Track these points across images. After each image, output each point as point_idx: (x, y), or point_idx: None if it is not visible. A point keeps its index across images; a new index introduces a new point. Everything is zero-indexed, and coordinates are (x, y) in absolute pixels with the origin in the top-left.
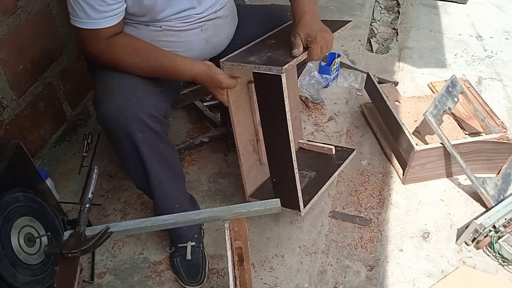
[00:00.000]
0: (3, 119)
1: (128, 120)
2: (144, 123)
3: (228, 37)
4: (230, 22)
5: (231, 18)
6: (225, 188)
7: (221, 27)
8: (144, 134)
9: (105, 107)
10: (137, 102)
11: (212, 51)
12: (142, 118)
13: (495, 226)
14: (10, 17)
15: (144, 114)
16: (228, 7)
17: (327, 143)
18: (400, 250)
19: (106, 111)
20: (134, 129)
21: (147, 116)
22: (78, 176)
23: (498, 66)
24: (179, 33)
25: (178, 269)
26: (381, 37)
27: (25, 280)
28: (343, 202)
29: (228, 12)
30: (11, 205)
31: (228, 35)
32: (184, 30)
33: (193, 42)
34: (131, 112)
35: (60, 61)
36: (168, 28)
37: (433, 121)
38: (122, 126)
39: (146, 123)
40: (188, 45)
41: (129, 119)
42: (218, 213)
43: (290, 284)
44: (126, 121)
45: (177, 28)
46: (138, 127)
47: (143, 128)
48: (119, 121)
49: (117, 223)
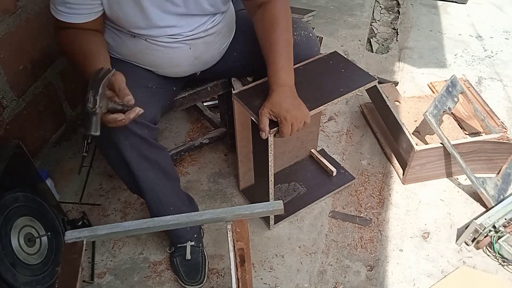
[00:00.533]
0: (3, 119)
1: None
2: (129, 131)
3: (221, 52)
4: (224, 37)
5: (226, 31)
6: (225, 188)
7: (212, 43)
8: (129, 141)
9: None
10: None
11: (202, 66)
12: (127, 126)
13: (495, 226)
14: (10, 17)
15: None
16: (222, 23)
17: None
18: (400, 250)
19: None
20: (120, 137)
21: (132, 124)
22: (78, 176)
23: (498, 66)
24: (165, 49)
25: (178, 269)
26: (381, 37)
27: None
28: (343, 202)
29: (222, 28)
30: (11, 205)
31: (221, 50)
32: (171, 47)
33: (180, 59)
34: None
35: (60, 61)
36: (153, 43)
37: (433, 121)
38: (107, 134)
39: (131, 130)
40: (175, 61)
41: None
42: (221, 214)
43: (290, 284)
44: (111, 129)
45: (163, 44)
46: (123, 134)
47: (128, 135)
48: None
49: (118, 223)
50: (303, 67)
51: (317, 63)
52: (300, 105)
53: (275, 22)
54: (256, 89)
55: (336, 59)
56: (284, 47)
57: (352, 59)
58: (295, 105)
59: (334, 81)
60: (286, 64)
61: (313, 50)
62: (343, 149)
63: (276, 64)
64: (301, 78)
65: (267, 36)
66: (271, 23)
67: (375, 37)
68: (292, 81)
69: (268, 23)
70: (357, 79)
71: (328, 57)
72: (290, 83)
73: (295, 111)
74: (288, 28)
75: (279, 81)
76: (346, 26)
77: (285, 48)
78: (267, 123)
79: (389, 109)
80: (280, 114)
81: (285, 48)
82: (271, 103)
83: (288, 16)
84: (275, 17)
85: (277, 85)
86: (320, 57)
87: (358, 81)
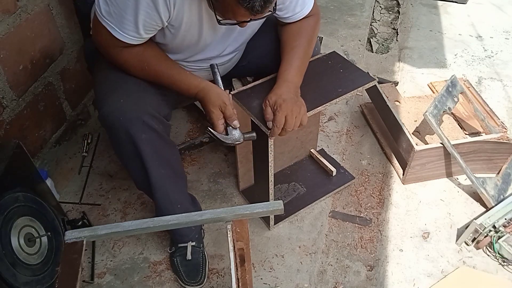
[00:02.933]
0: (3, 119)
1: (130, 121)
2: (146, 124)
3: (232, 65)
4: (240, 52)
5: (240, 51)
6: (225, 188)
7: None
8: (146, 135)
9: (107, 107)
10: (140, 103)
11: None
12: (145, 119)
13: (495, 226)
14: (10, 17)
15: (147, 115)
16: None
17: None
18: (400, 250)
19: (108, 112)
20: (137, 130)
21: (149, 117)
22: (78, 176)
23: (498, 66)
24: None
25: (178, 269)
26: (381, 37)
27: (25, 280)
28: (343, 202)
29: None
30: (11, 205)
31: (233, 64)
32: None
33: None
34: (134, 113)
35: (60, 61)
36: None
37: (433, 121)
38: (124, 127)
39: (148, 124)
40: None
41: (131, 120)
42: (221, 214)
43: (290, 284)
44: (129, 122)
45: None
46: (140, 128)
47: (145, 129)
48: (121, 122)
49: (118, 223)
50: None
51: (316, 63)
52: (299, 102)
53: (302, 32)
54: (254, 90)
55: (335, 59)
56: (302, 53)
57: (352, 59)
58: (294, 99)
59: (333, 81)
60: (299, 67)
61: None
62: (343, 149)
63: (290, 63)
64: None
65: (290, 41)
66: (298, 32)
67: (375, 37)
68: (299, 82)
69: (295, 31)
70: (356, 80)
71: (327, 57)
72: (296, 82)
73: (291, 104)
74: (311, 42)
75: (287, 77)
76: (346, 26)
77: (303, 54)
78: (271, 113)
79: (389, 109)
80: (277, 101)
81: (303, 55)
82: (272, 93)
83: (315, 33)
84: (303, 28)
85: (283, 80)
86: (318, 57)
87: (356, 81)
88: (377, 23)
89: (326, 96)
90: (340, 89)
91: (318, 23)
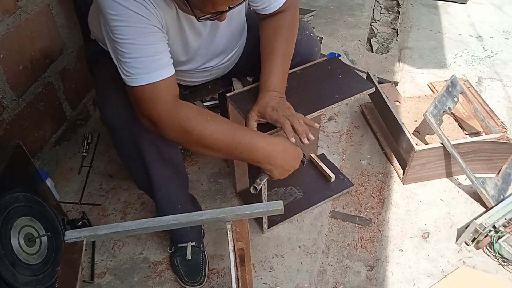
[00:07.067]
0: (3, 119)
1: (133, 121)
2: None
3: (233, 64)
4: (238, 52)
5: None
6: (225, 188)
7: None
8: (148, 135)
9: (110, 107)
10: None
11: (212, 78)
12: None
13: (495, 226)
14: (10, 17)
15: None
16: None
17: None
18: (400, 250)
19: (111, 112)
20: (139, 130)
21: None
22: (78, 176)
23: (498, 66)
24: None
25: (178, 269)
26: (381, 37)
27: (25, 280)
28: (343, 202)
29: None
30: (11, 205)
31: (234, 63)
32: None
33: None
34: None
35: (60, 61)
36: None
37: (433, 121)
38: (127, 127)
39: None
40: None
41: (134, 119)
42: (221, 214)
43: (290, 284)
44: (131, 122)
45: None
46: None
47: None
48: (124, 122)
49: (118, 223)
50: (300, 71)
51: (315, 68)
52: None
53: (279, 32)
54: (250, 93)
55: (334, 64)
56: (282, 58)
57: (352, 59)
58: (282, 103)
59: (330, 86)
60: (280, 73)
61: (313, 50)
62: (343, 149)
63: (270, 71)
64: (297, 82)
65: (268, 44)
66: (275, 32)
67: (375, 37)
68: (283, 89)
69: (272, 31)
70: (354, 86)
71: (327, 62)
72: (280, 90)
73: (282, 109)
74: (290, 40)
75: (269, 86)
76: (346, 26)
77: (282, 58)
78: (254, 127)
79: (389, 109)
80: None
81: (283, 59)
82: (258, 105)
83: (293, 29)
84: (280, 27)
85: (266, 90)
86: (318, 61)
87: (354, 87)
88: (377, 23)
89: (322, 101)
90: (337, 95)
91: (296, 17)
